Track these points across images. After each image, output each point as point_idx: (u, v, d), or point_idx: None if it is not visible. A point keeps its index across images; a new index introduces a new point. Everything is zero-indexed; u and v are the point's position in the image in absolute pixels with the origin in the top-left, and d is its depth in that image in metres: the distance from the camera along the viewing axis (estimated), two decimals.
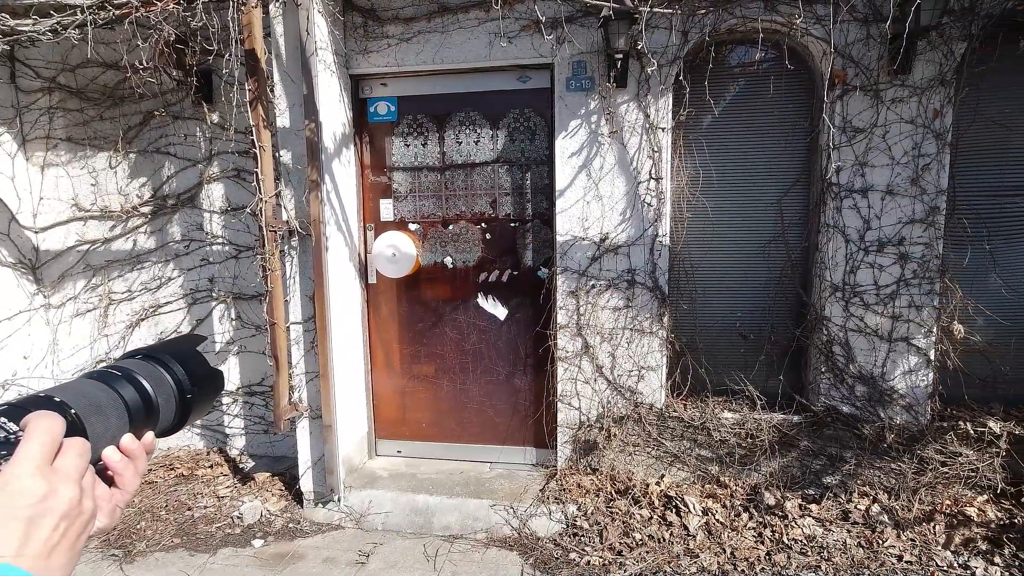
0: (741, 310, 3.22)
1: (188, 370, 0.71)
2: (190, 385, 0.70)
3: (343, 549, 2.91)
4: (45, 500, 0.48)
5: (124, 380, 0.65)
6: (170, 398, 0.69)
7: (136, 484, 0.63)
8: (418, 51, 3.11)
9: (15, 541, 0.45)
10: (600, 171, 3.04)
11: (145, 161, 3.50)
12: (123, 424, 0.62)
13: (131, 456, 0.62)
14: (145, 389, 0.66)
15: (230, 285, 3.54)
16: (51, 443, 0.50)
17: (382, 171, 3.38)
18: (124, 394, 0.63)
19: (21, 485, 0.47)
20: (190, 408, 0.71)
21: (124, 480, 0.61)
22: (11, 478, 0.47)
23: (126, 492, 0.61)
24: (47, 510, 0.48)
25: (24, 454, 0.48)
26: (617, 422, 3.17)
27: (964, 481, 2.91)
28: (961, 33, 2.72)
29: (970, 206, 2.97)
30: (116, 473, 0.60)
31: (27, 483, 0.47)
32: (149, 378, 0.67)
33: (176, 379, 0.69)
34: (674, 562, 2.68)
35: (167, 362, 0.70)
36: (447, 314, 3.43)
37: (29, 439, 0.49)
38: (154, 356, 0.70)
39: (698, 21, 2.88)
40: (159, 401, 0.67)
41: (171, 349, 0.72)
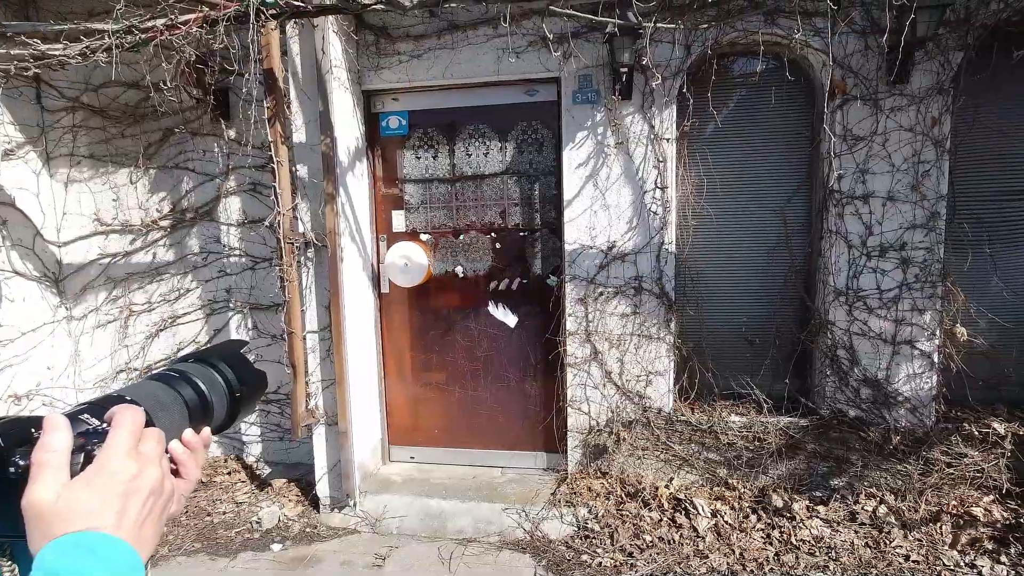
0: (746, 315, 3.28)
1: (236, 371, 0.78)
2: (239, 385, 0.78)
3: (360, 552, 2.98)
4: (135, 479, 0.55)
5: (182, 381, 0.72)
6: (222, 397, 0.76)
7: (197, 474, 0.71)
8: (428, 67, 3.21)
9: (114, 515, 0.52)
10: (607, 181, 3.12)
11: (164, 176, 3.61)
12: (184, 420, 0.70)
13: (192, 448, 0.69)
14: (201, 389, 0.73)
15: (247, 296, 3.64)
16: (136, 431, 0.58)
17: (394, 183, 3.47)
18: (183, 394, 0.71)
19: (115, 467, 0.54)
20: (239, 406, 0.79)
21: (187, 470, 0.68)
22: (106, 461, 0.55)
23: (189, 481, 0.69)
24: (137, 488, 0.55)
25: (115, 440, 0.56)
26: (626, 426, 3.23)
27: (970, 482, 2.95)
28: (957, 43, 2.80)
29: (970, 211, 3.03)
30: (180, 464, 0.67)
31: (120, 465, 0.54)
32: (204, 379, 0.74)
33: (226, 380, 0.77)
34: (684, 563, 2.73)
35: (218, 364, 0.77)
36: (458, 322, 3.51)
37: (118, 428, 0.57)
38: (206, 359, 0.78)
39: (700, 35, 2.97)
40: (213, 400, 0.74)
41: (220, 352, 0.80)
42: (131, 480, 0.54)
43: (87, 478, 0.53)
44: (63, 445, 0.53)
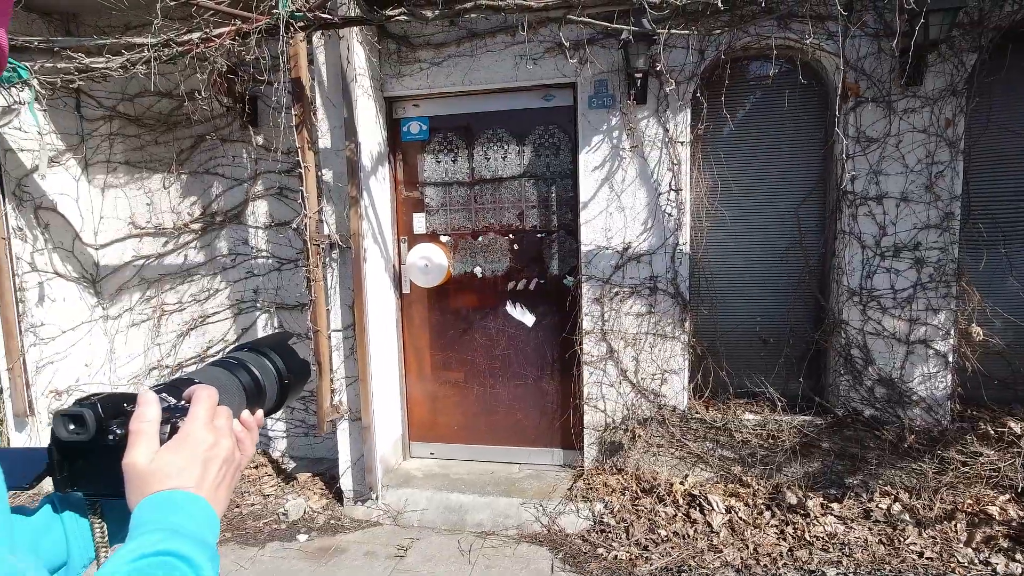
0: (761, 315, 3.33)
1: (285, 360, 0.88)
2: (287, 373, 0.87)
3: (382, 544, 3.09)
4: (213, 448, 0.64)
5: (240, 367, 0.82)
6: (273, 383, 0.85)
7: (252, 451, 0.80)
8: (448, 74, 3.31)
9: (196, 478, 0.62)
10: (622, 183, 3.19)
11: (195, 181, 3.77)
12: (242, 402, 0.80)
13: (248, 428, 0.78)
14: (256, 375, 0.83)
15: (273, 296, 3.77)
16: (212, 407, 0.67)
17: (414, 187, 3.58)
18: (241, 379, 0.81)
19: (197, 437, 0.64)
20: (287, 392, 0.88)
21: (244, 446, 0.77)
22: (190, 432, 0.64)
23: (246, 456, 0.78)
24: (215, 456, 0.64)
25: (196, 413, 0.66)
26: (641, 424, 3.29)
27: (985, 481, 2.96)
28: (971, 45, 2.83)
29: (985, 211, 3.04)
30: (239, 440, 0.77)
31: (201, 435, 0.64)
32: (257, 366, 0.84)
33: (277, 368, 0.86)
34: (699, 557, 2.79)
35: (269, 354, 0.87)
36: (477, 321, 3.60)
37: (198, 403, 0.67)
38: (258, 349, 0.87)
39: (714, 40, 3.03)
40: (266, 385, 0.84)
41: (270, 343, 0.90)
42: (209, 449, 0.63)
43: (174, 446, 0.62)
44: (155, 417, 0.63)
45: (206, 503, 0.61)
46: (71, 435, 0.62)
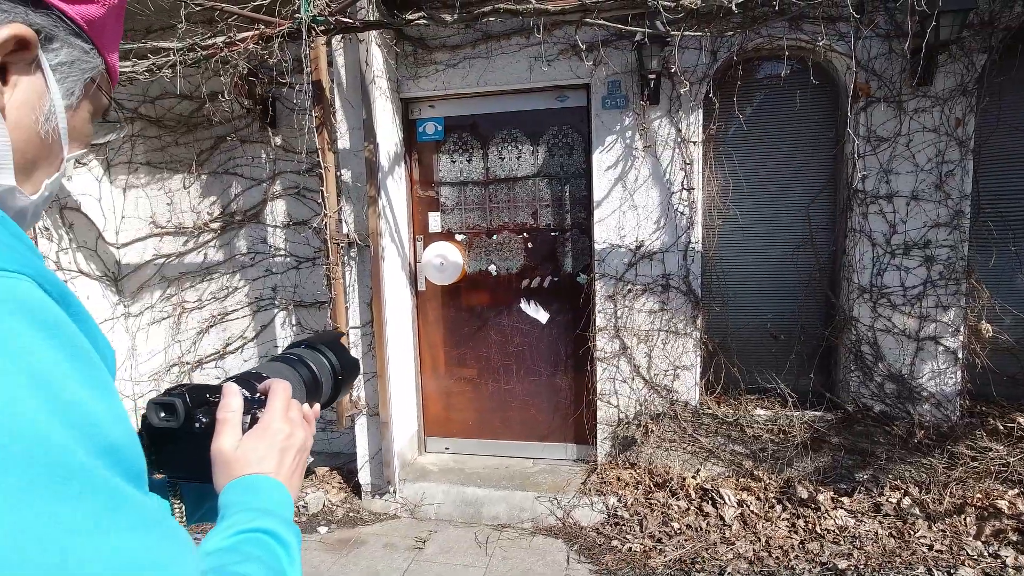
0: (772, 312, 3.38)
1: (339, 357, 0.94)
2: (340, 369, 0.93)
3: (401, 536, 3.16)
4: (289, 438, 0.70)
5: (300, 363, 0.88)
6: (328, 379, 0.91)
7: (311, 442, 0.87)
8: (463, 75, 3.37)
9: (274, 464, 0.68)
10: (635, 183, 3.24)
11: (215, 181, 3.84)
12: (302, 396, 0.85)
13: (308, 420, 0.84)
14: (314, 371, 0.88)
15: (291, 294, 3.85)
16: (288, 400, 0.74)
17: (430, 186, 3.64)
18: (301, 374, 0.86)
19: (276, 427, 0.69)
20: (340, 387, 0.94)
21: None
22: (270, 422, 0.70)
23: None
24: (291, 445, 0.70)
25: (274, 406, 0.72)
26: (654, 419, 3.35)
27: (994, 475, 3.00)
28: (981, 46, 2.86)
29: (995, 209, 3.08)
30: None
31: (279, 426, 0.70)
32: (315, 363, 0.89)
33: (331, 364, 0.92)
34: (712, 549, 2.85)
35: (324, 351, 0.92)
36: (491, 319, 3.66)
37: (275, 396, 0.73)
38: (314, 346, 0.93)
39: (726, 41, 3.08)
40: (322, 380, 0.90)
41: (325, 340, 0.95)
42: (286, 438, 0.69)
43: (256, 434, 0.68)
44: (239, 407, 0.69)
45: (284, 487, 0.67)
46: (162, 422, 0.67)
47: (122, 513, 0.36)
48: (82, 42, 0.54)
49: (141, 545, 0.36)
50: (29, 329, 0.36)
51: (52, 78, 0.53)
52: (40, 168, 0.55)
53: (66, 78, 0.54)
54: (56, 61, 0.53)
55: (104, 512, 0.35)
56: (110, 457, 0.38)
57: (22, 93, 0.51)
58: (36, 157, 0.54)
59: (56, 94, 0.53)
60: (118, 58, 0.62)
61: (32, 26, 0.49)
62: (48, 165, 0.56)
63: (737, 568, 2.71)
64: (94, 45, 0.56)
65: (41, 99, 0.52)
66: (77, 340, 0.39)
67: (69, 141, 0.57)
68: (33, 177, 0.55)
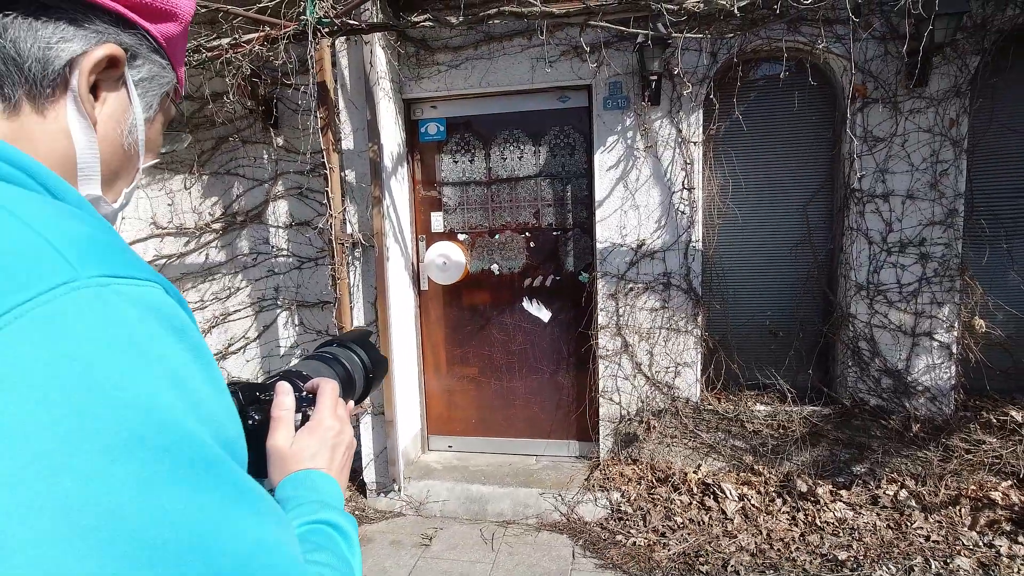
0: (771, 309, 3.44)
1: (369, 355, 0.97)
2: (371, 366, 0.96)
3: (407, 533, 3.19)
4: (339, 435, 0.73)
5: (335, 362, 0.90)
6: (361, 376, 0.94)
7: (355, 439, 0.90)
8: (466, 76, 3.39)
9: (326, 460, 0.71)
10: (636, 182, 3.29)
11: (217, 182, 3.84)
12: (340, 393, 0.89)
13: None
14: (347, 369, 0.91)
15: (294, 294, 3.86)
16: (336, 398, 0.77)
17: (432, 186, 3.67)
18: (337, 372, 0.90)
19: (327, 424, 0.72)
20: (371, 384, 0.97)
21: None
22: (321, 419, 0.73)
23: None
24: (341, 442, 0.73)
25: (324, 404, 0.75)
26: (656, 415, 3.40)
27: (988, 467, 3.08)
28: (974, 48, 2.93)
29: (988, 208, 3.15)
30: None
31: (330, 423, 0.73)
32: (348, 361, 0.92)
33: (363, 362, 0.95)
34: (714, 542, 2.90)
35: (355, 349, 0.95)
36: (494, 317, 3.70)
37: (324, 394, 0.76)
38: (345, 344, 0.96)
39: (726, 43, 3.12)
40: (356, 377, 0.93)
41: (355, 339, 0.98)
42: (336, 435, 0.72)
43: (309, 431, 0.71)
44: (292, 406, 0.72)
45: (336, 481, 0.71)
46: None
47: (247, 501, 0.39)
48: (160, 58, 0.57)
49: (265, 529, 0.39)
50: (165, 333, 0.39)
51: (135, 93, 0.56)
52: (121, 178, 0.59)
53: (146, 93, 0.57)
54: (139, 77, 0.56)
55: (235, 499, 0.38)
56: (228, 450, 0.41)
57: (110, 108, 0.54)
58: (119, 168, 0.57)
59: (138, 108, 0.56)
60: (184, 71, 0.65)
61: (122, 45, 0.52)
62: (127, 175, 0.59)
63: (740, 560, 2.77)
64: (169, 60, 0.59)
65: (125, 113, 0.55)
66: (199, 342, 0.42)
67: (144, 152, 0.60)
68: (115, 186, 0.58)
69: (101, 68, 0.51)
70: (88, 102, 0.51)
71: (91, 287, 0.37)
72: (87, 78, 0.50)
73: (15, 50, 0.47)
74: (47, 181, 0.45)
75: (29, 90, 0.48)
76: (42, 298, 0.35)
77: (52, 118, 0.50)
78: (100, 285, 0.37)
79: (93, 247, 0.39)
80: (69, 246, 0.38)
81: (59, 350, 0.34)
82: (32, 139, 0.49)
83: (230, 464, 0.39)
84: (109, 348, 0.36)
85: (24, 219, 0.38)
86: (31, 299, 0.34)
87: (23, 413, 0.32)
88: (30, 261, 0.36)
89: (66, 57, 0.49)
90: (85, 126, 0.52)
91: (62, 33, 0.49)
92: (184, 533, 0.35)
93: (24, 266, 0.35)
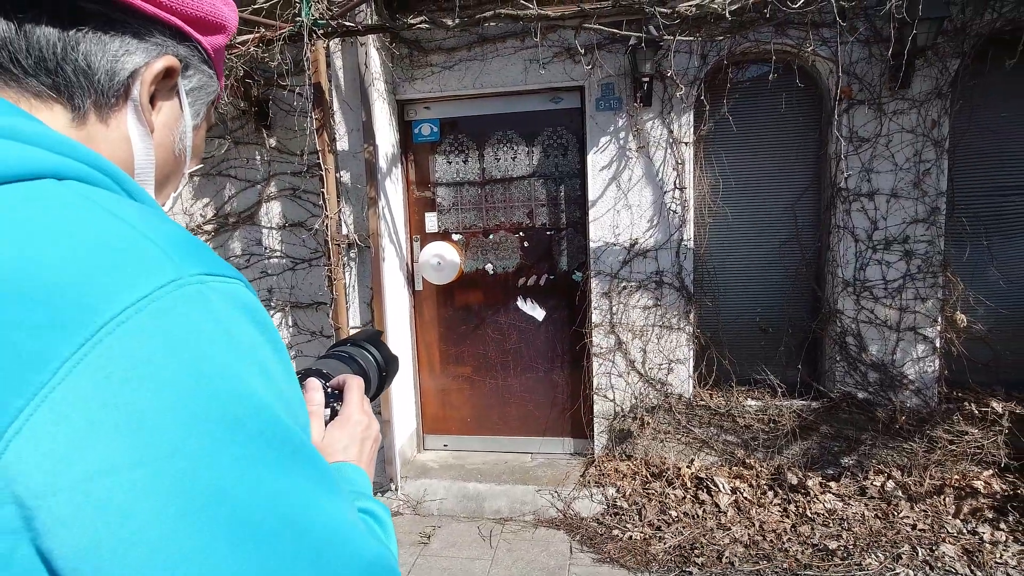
0: (761, 306, 3.51)
1: (382, 354, 1.00)
2: (384, 365, 0.99)
3: (405, 532, 3.20)
4: (367, 429, 0.76)
5: (351, 360, 0.93)
6: (375, 374, 0.96)
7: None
8: (459, 77, 3.42)
9: (356, 453, 0.74)
10: (629, 183, 3.34)
11: (208, 183, 3.82)
12: None
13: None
14: (363, 367, 0.94)
15: (287, 295, 3.85)
16: (362, 394, 0.80)
17: (426, 187, 3.69)
18: (353, 370, 0.93)
19: (356, 419, 0.75)
20: (384, 382, 1.00)
21: None
22: (350, 414, 0.76)
23: None
24: (368, 435, 0.76)
25: (352, 399, 0.78)
26: (649, 412, 3.45)
27: (971, 457, 3.18)
28: (955, 51, 3.02)
29: (968, 206, 3.25)
30: None
31: (358, 417, 0.76)
32: (363, 359, 0.95)
33: (376, 360, 0.98)
34: (708, 535, 2.96)
35: (368, 348, 0.98)
36: (489, 317, 3.73)
37: (352, 390, 0.79)
38: (358, 343, 0.98)
39: (716, 45, 3.19)
40: (371, 375, 0.96)
41: (367, 338, 1.01)
42: (364, 429, 0.75)
43: (339, 425, 0.74)
44: (322, 401, 0.75)
45: (365, 473, 0.74)
46: None
47: (327, 482, 0.42)
48: (208, 68, 0.60)
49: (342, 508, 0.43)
50: (252, 327, 0.42)
51: (186, 102, 0.58)
52: (170, 182, 0.61)
53: (196, 101, 0.60)
54: (190, 87, 0.58)
55: (317, 480, 0.41)
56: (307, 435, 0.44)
57: (165, 116, 0.57)
58: (169, 173, 0.60)
59: (188, 116, 0.59)
60: (223, 80, 0.68)
61: (177, 56, 0.55)
62: (175, 180, 0.62)
63: (734, 552, 2.83)
64: (215, 70, 0.61)
65: (177, 121, 0.58)
66: (277, 336, 0.45)
67: (191, 157, 0.62)
68: (164, 190, 0.61)
69: (160, 79, 0.54)
70: (147, 111, 0.54)
71: (194, 284, 0.39)
72: (148, 88, 0.53)
73: (87, 63, 0.49)
74: (126, 184, 0.47)
75: (96, 100, 0.51)
76: (155, 295, 0.37)
77: (114, 126, 0.52)
78: (200, 283, 0.40)
79: (189, 246, 0.42)
80: (171, 246, 0.40)
81: (172, 344, 0.37)
82: (97, 146, 0.52)
83: (311, 447, 0.42)
84: (212, 341, 0.39)
85: (125, 219, 0.40)
86: (146, 296, 0.37)
87: (143, 401, 0.35)
88: (138, 259, 0.38)
89: (130, 69, 0.52)
90: (144, 133, 0.54)
91: (127, 46, 0.51)
92: (278, 511, 0.38)
93: (133, 264, 0.38)
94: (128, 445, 0.34)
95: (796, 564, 2.74)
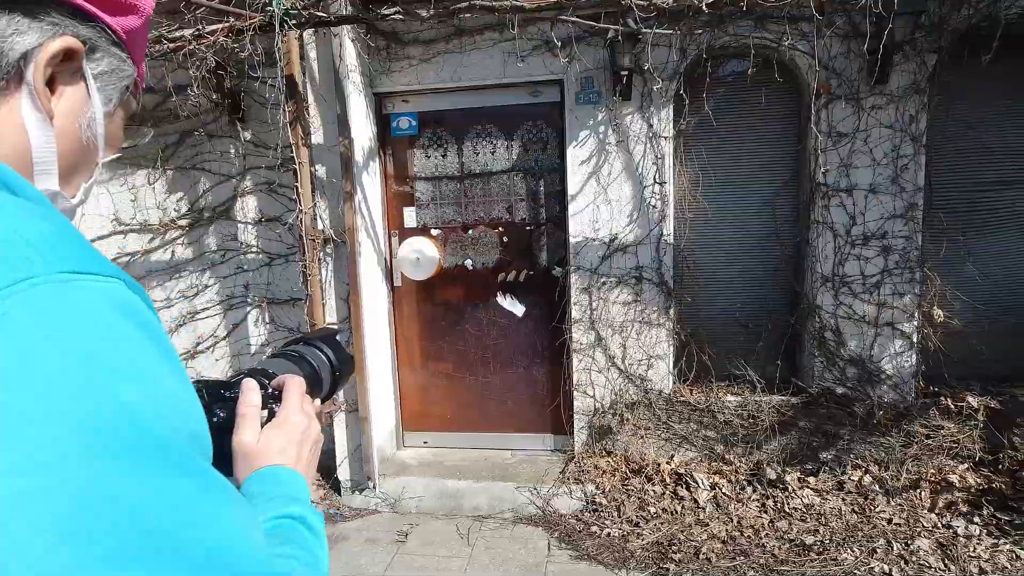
0: (740, 301, 3.50)
1: (336, 353, 0.96)
2: (338, 365, 0.95)
3: (383, 530, 3.17)
4: (306, 431, 0.73)
5: (301, 360, 0.89)
6: (328, 374, 0.93)
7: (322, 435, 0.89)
8: (437, 70, 3.37)
9: (294, 456, 0.70)
10: (608, 177, 3.31)
11: (182, 177, 3.75)
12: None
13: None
14: (314, 367, 0.90)
15: (264, 291, 3.79)
16: (303, 395, 0.76)
17: (405, 181, 3.64)
18: (303, 370, 0.89)
19: (294, 420, 0.72)
20: (338, 383, 0.96)
21: None
22: (288, 415, 0.73)
23: None
24: (308, 437, 0.73)
25: (290, 401, 0.74)
26: (629, 408, 3.44)
27: (947, 452, 3.19)
28: (932, 46, 3.02)
29: (945, 201, 3.26)
30: None
31: (296, 419, 0.72)
32: (314, 359, 0.91)
33: (329, 360, 0.94)
34: (687, 531, 2.95)
35: (322, 347, 0.94)
36: (468, 312, 3.69)
37: (290, 391, 0.75)
38: (311, 343, 0.95)
39: (695, 39, 3.16)
40: (323, 376, 0.92)
41: (321, 337, 0.97)
42: (303, 431, 0.72)
43: (276, 427, 0.71)
44: (258, 402, 0.71)
45: (302, 478, 0.70)
46: None
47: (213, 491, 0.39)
48: (120, 51, 0.56)
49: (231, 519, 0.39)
50: (128, 328, 0.39)
51: (94, 87, 0.54)
52: (80, 173, 0.57)
53: (106, 86, 0.56)
54: (98, 71, 0.54)
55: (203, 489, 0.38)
56: (195, 442, 0.41)
57: (67, 102, 0.53)
58: (77, 162, 0.56)
59: (97, 102, 0.55)
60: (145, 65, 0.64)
61: (79, 38, 0.51)
62: (86, 170, 0.58)
63: (712, 548, 2.82)
64: (129, 54, 0.57)
65: (83, 107, 0.54)
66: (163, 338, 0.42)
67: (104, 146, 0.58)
68: (73, 181, 0.57)
69: (57, 61, 0.50)
70: (44, 96, 0.50)
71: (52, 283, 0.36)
72: (43, 71, 0.49)
73: None
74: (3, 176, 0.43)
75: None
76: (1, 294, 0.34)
77: (6, 112, 0.49)
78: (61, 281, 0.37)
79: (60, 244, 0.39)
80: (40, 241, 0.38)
81: (15, 347, 0.34)
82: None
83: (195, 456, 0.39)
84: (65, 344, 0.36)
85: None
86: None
87: None
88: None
89: (20, 50, 0.48)
90: (41, 120, 0.51)
91: (16, 25, 0.47)
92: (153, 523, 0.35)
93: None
94: None
95: (773, 560, 2.74)
